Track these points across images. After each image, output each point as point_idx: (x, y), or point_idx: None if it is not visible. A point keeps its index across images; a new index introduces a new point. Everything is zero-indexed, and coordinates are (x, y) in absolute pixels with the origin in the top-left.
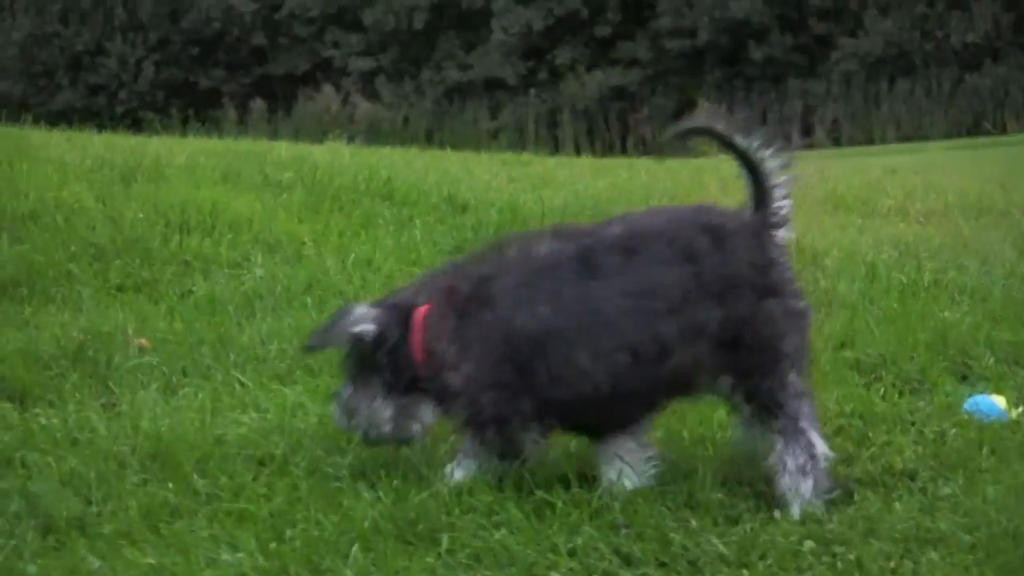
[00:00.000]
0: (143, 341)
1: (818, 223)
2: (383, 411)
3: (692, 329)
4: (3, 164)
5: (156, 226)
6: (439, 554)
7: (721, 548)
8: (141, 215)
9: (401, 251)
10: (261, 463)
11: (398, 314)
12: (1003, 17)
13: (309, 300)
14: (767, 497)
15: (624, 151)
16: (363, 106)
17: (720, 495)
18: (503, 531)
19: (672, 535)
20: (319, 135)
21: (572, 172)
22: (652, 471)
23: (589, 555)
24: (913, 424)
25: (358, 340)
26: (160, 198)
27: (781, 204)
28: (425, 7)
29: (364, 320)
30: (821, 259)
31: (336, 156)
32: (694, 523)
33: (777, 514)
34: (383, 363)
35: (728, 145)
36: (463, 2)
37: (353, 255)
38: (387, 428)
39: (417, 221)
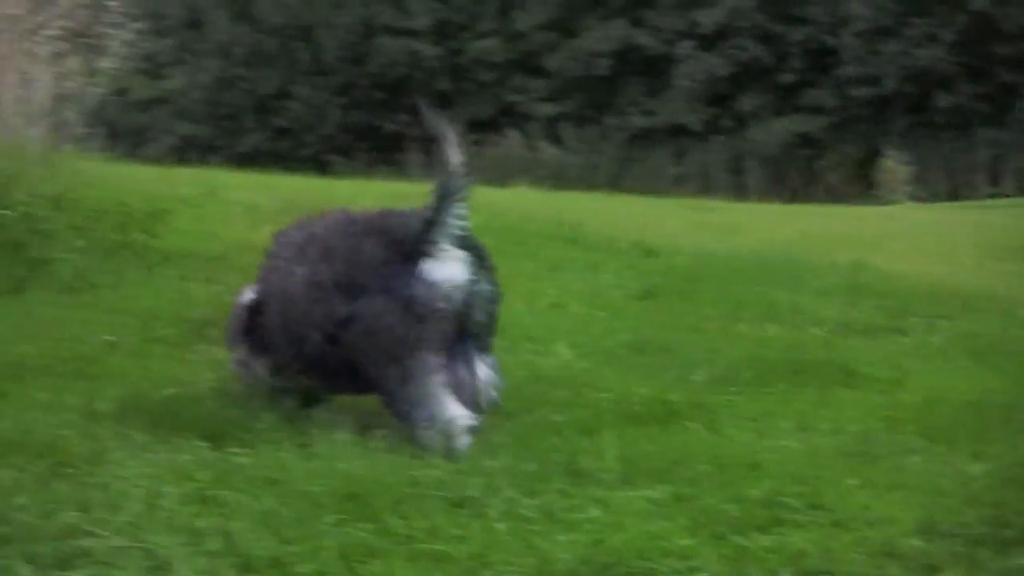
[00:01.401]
0: None
1: (1010, 272)
2: None
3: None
4: (195, 206)
5: None
6: None
7: None
8: None
9: (590, 295)
10: (456, 505)
11: None
12: None
13: (499, 342)
14: (966, 545)
15: (809, 197)
16: (547, 151)
17: (918, 542)
18: (702, 575)
19: None
20: (503, 179)
21: (759, 219)
22: None
23: None
24: None
25: None
26: None
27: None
28: (608, 53)
29: None
30: (1015, 308)
31: (522, 200)
32: (893, 571)
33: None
34: None
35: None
36: (646, 49)
37: (542, 298)
38: None
39: (606, 266)
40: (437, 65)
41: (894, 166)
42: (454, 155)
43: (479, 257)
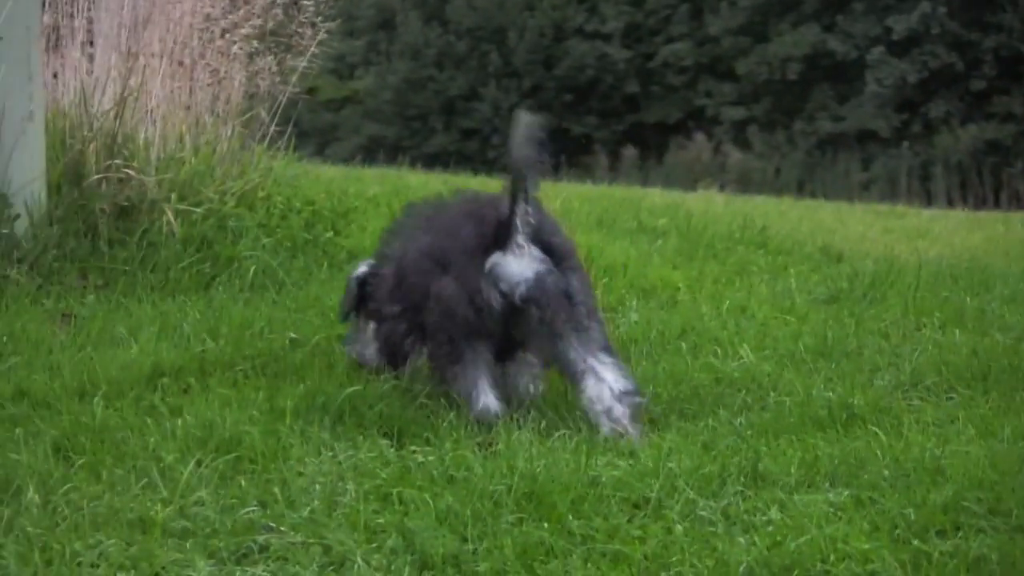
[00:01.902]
0: None
1: None
2: None
3: None
4: (381, 205)
5: None
6: None
7: None
8: None
9: (775, 299)
10: (635, 506)
11: None
12: None
13: (683, 345)
14: None
15: (997, 205)
16: (735, 155)
17: None
18: None
19: None
20: (690, 183)
21: (946, 225)
22: None
23: None
24: None
25: None
26: None
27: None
28: (799, 58)
29: None
30: None
31: (709, 204)
32: None
33: None
34: None
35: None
36: (837, 54)
37: (728, 302)
38: None
39: (791, 270)
40: (626, 68)
41: None
42: (520, 150)
43: (555, 254)
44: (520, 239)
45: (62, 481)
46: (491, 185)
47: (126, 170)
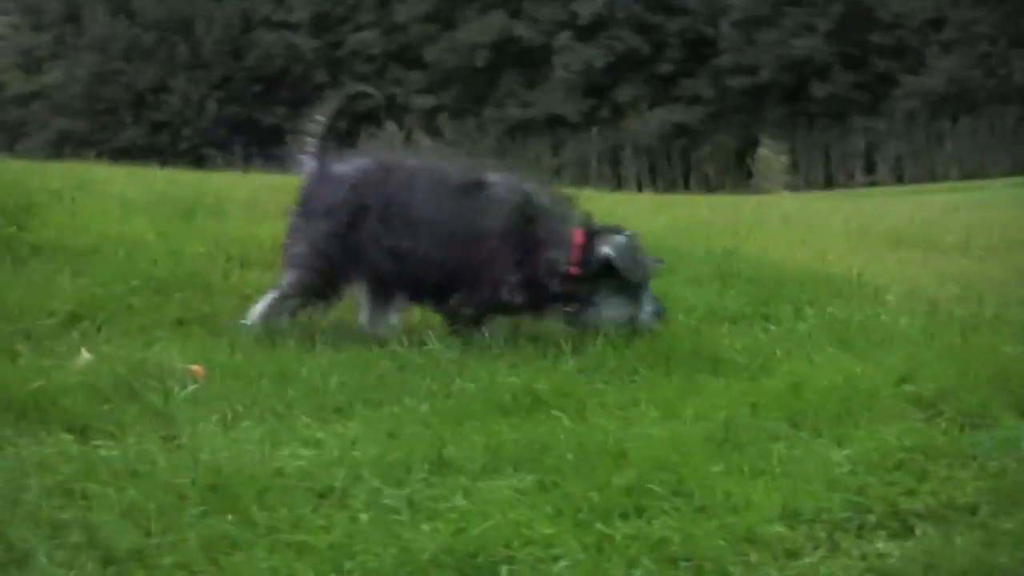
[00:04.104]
0: (195, 368)
1: (879, 259)
2: None
3: None
4: (66, 199)
5: (216, 261)
6: None
7: None
8: (202, 249)
9: None
10: (320, 495)
11: None
12: None
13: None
14: (827, 529)
15: (687, 188)
16: (425, 143)
17: (780, 528)
18: (562, 563)
19: (732, 569)
20: None
21: (633, 208)
22: None
23: None
24: (974, 459)
25: None
26: (221, 233)
27: None
28: (486, 45)
29: None
30: (883, 294)
31: None
32: (753, 557)
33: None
34: None
35: None
36: (524, 40)
37: None
38: None
39: None
40: (314, 58)
41: (770, 155)
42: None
43: None
44: None
45: None
46: (182, 179)
47: None
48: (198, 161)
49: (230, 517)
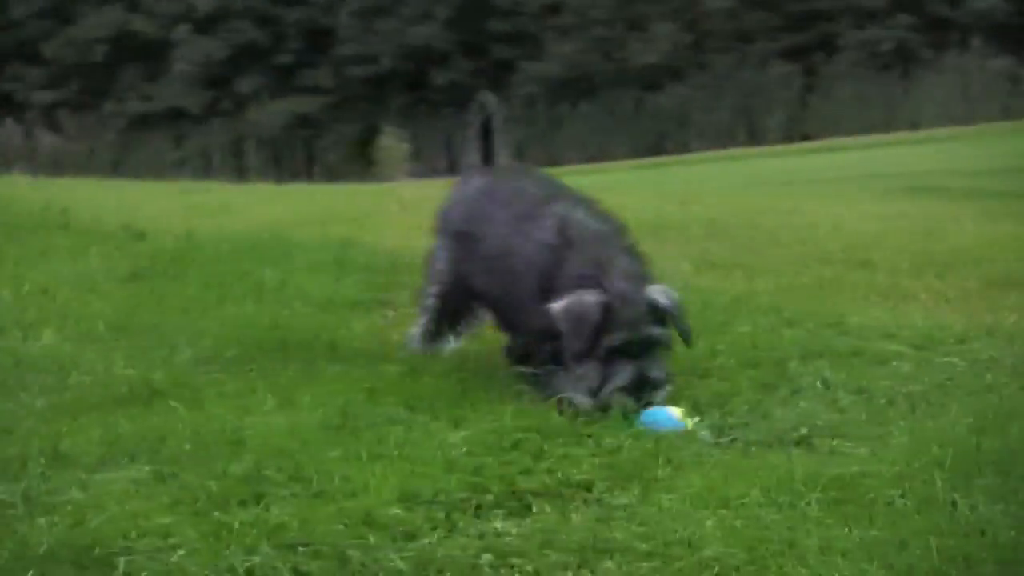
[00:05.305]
0: None
1: None
2: None
3: None
4: None
5: None
6: None
7: (400, 564)
8: None
9: (78, 279)
10: None
11: None
12: (682, 38)
13: None
14: (445, 510)
15: (311, 177)
16: (46, 139)
17: (398, 511)
18: (180, 553)
19: (350, 552)
20: (3, 169)
21: (252, 199)
22: None
23: (267, 574)
24: (590, 437)
25: None
26: None
27: None
28: (105, 39)
29: None
30: None
31: (15, 189)
32: (372, 539)
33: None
34: None
35: None
36: (142, 34)
37: (28, 284)
38: None
39: (94, 249)
40: None
41: (392, 144)
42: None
43: None
44: None
45: None
46: None
47: None
48: None
49: None
